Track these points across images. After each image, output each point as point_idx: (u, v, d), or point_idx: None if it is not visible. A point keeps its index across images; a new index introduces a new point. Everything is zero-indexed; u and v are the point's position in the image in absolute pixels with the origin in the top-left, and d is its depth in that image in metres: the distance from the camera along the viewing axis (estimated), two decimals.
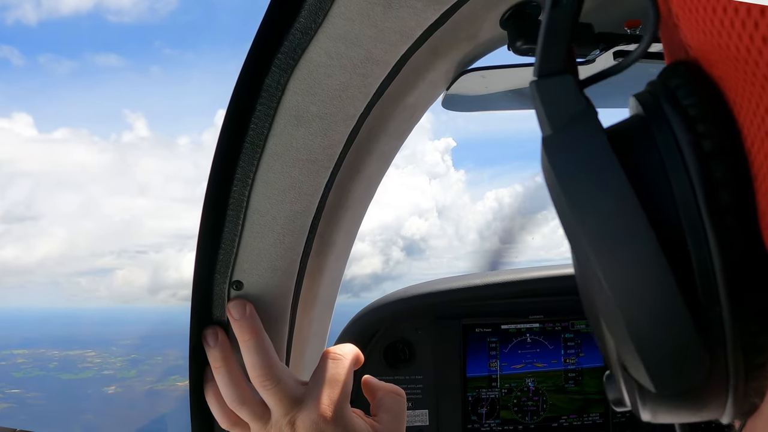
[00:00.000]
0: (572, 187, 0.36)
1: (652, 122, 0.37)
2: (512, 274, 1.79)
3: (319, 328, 1.14)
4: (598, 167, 0.36)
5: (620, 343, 0.37)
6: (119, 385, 65.73)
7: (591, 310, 0.44)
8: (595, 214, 0.35)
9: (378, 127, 0.90)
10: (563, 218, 0.37)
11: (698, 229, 0.35)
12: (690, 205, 0.35)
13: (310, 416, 0.86)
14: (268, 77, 0.77)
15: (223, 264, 0.88)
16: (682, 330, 0.35)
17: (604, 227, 0.35)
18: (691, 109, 0.36)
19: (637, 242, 0.35)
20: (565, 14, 0.40)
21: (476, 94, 1.05)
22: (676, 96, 0.37)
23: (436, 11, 0.72)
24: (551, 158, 0.37)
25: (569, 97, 0.39)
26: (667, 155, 0.36)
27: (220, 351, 0.89)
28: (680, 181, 0.35)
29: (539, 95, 0.40)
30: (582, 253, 0.36)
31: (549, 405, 1.78)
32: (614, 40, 0.83)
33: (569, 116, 0.38)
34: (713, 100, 0.36)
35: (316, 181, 0.84)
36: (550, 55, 0.40)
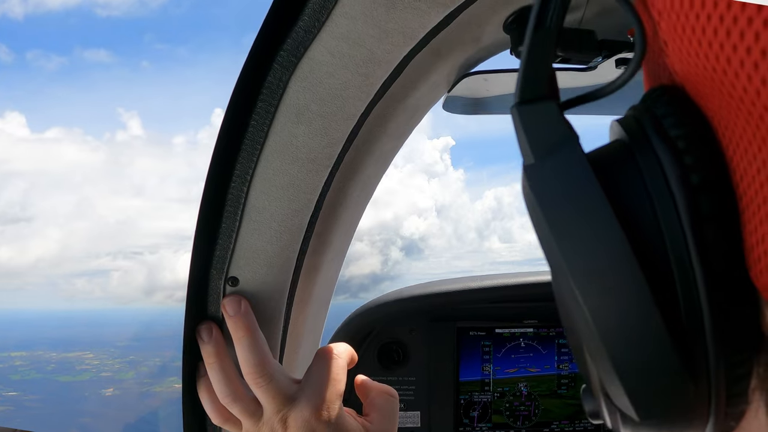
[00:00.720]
0: (556, 218, 0.36)
1: (638, 152, 0.37)
2: (508, 278, 1.80)
3: (313, 326, 1.14)
4: (582, 199, 0.36)
5: (604, 375, 0.37)
6: (117, 387, 65.67)
7: (573, 337, 0.43)
8: (580, 247, 0.35)
9: (378, 127, 0.90)
10: (546, 249, 0.37)
11: (685, 264, 0.34)
12: (677, 239, 0.35)
13: (302, 414, 0.86)
14: (270, 74, 0.77)
15: (220, 260, 0.88)
16: (668, 363, 0.35)
17: (589, 260, 0.35)
18: (679, 141, 0.35)
19: (623, 276, 0.34)
20: (548, 38, 0.40)
21: (478, 97, 1.05)
22: (663, 125, 0.36)
23: (440, 13, 0.72)
24: (534, 188, 0.37)
25: (551, 124, 0.39)
26: (653, 187, 0.36)
27: (214, 347, 0.89)
28: (667, 214, 0.35)
29: (521, 121, 0.39)
30: (564, 284, 0.36)
31: (541, 410, 1.78)
32: (617, 48, 0.83)
33: (552, 144, 0.38)
34: (701, 132, 0.35)
35: (315, 179, 0.85)
36: (532, 80, 0.40)
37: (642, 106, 0.39)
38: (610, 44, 0.83)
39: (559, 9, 0.40)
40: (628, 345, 0.35)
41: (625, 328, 0.35)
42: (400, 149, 1.03)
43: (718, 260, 0.34)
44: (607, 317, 0.35)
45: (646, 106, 0.38)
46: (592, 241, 0.35)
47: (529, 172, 0.38)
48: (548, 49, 0.40)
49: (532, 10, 0.40)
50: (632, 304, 0.34)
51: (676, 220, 0.35)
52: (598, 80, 0.93)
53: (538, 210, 0.36)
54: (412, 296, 1.74)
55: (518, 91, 0.40)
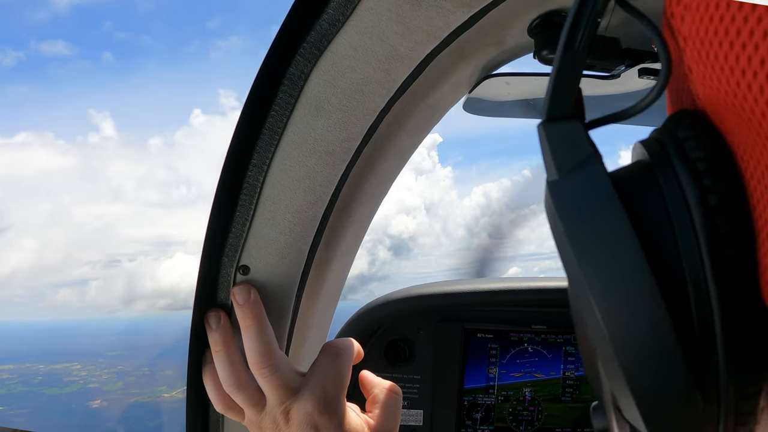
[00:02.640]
0: (577, 233, 0.37)
1: (659, 172, 0.38)
2: (518, 282, 1.79)
3: (321, 319, 1.14)
4: (603, 216, 0.37)
5: (616, 388, 0.38)
6: (104, 399, 65.73)
7: (586, 349, 0.45)
8: (599, 262, 0.36)
9: (397, 124, 0.90)
10: (566, 262, 0.38)
11: (700, 283, 0.35)
12: (693, 259, 0.35)
13: (305, 407, 0.86)
14: (292, 65, 0.77)
15: (232, 248, 0.88)
16: (680, 379, 0.35)
17: (607, 276, 0.36)
18: (699, 163, 0.36)
19: (639, 293, 0.35)
20: (577, 59, 0.42)
21: (498, 100, 1.05)
22: (684, 148, 0.37)
23: (465, 13, 0.71)
24: (557, 203, 0.38)
25: (576, 142, 0.40)
26: (673, 207, 0.37)
27: (222, 335, 0.89)
28: (685, 233, 0.36)
29: (547, 138, 0.41)
30: (582, 297, 0.37)
31: (545, 416, 1.78)
32: (641, 57, 0.83)
33: (576, 162, 0.39)
34: (720, 155, 0.36)
35: (331, 172, 0.85)
36: (559, 98, 0.41)
37: (665, 128, 0.40)
38: (634, 53, 0.82)
39: (590, 30, 0.41)
40: (642, 359, 0.35)
41: (639, 343, 0.35)
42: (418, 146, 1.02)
43: (733, 280, 0.35)
44: (622, 332, 0.35)
45: (669, 129, 0.40)
46: (611, 258, 0.36)
47: (552, 188, 0.39)
48: (576, 70, 0.42)
49: (563, 30, 0.42)
50: (647, 321, 0.35)
51: (693, 239, 0.35)
52: (621, 89, 0.93)
53: (560, 225, 0.38)
54: (422, 295, 1.74)
55: (545, 108, 0.42)
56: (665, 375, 0.35)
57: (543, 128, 0.41)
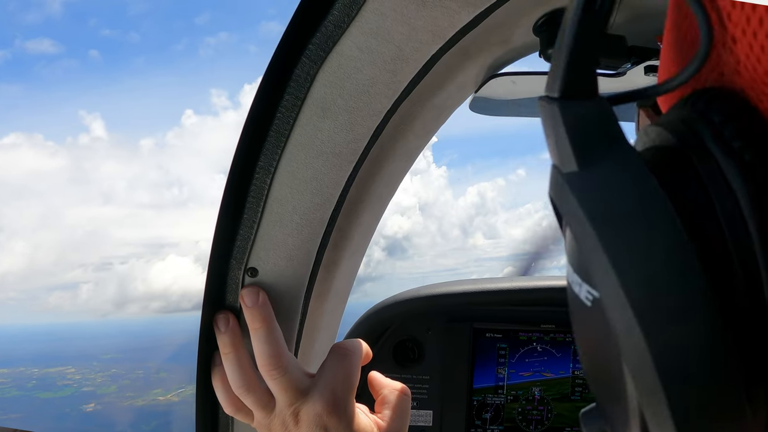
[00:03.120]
0: (616, 242, 0.31)
1: (699, 164, 0.33)
2: (527, 282, 1.79)
3: (330, 321, 1.14)
4: (649, 220, 0.31)
5: (651, 410, 0.32)
6: (98, 402, 65.65)
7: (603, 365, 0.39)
8: (646, 274, 0.30)
9: (404, 125, 0.90)
10: (595, 268, 0.32)
11: (758, 295, 0.31)
12: (752, 272, 0.31)
13: (314, 408, 0.86)
14: (298, 67, 0.77)
15: (240, 250, 0.88)
16: (735, 408, 0.31)
17: (656, 290, 0.30)
18: (745, 153, 0.32)
19: (695, 310, 0.30)
20: (598, 23, 0.35)
21: (504, 99, 1.05)
22: (723, 134, 0.33)
23: (470, 13, 0.71)
24: (583, 201, 0.32)
25: (604, 125, 0.34)
26: (721, 207, 0.32)
27: (230, 337, 0.89)
28: (739, 239, 0.32)
29: (563, 120, 0.34)
30: (615, 309, 0.31)
31: (554, 415, 1.77)
32: (646, 55, 0.83)
33: (603, 150, 0.33)
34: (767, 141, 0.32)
35: (338, 174, 0.85)
36: (578, 71, 0.35)
37: (691, 109, 0.35)
38: (639, 50, 0.82)
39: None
40: (689, 378, 0.30)
41: (687, 360, 0.30)
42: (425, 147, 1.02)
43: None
44: (667, 346, 0.30)
45: (698, 111, 0.35)
46: (658, 267, 0.30)
47: (573, 182, 0.33)
48: (597, 37, 0.35)
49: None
50: (699, 337, 0.30)
51: (748, 243, 0.31)
52: (627, 87, 0.93)
53: (589, 226, 0.32)
54: (430, 295, 1.74)
55: (561, 82, 0.35)
56: (715, 398, 0.30)
57: (558, 107, 0.35)
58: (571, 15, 0.35)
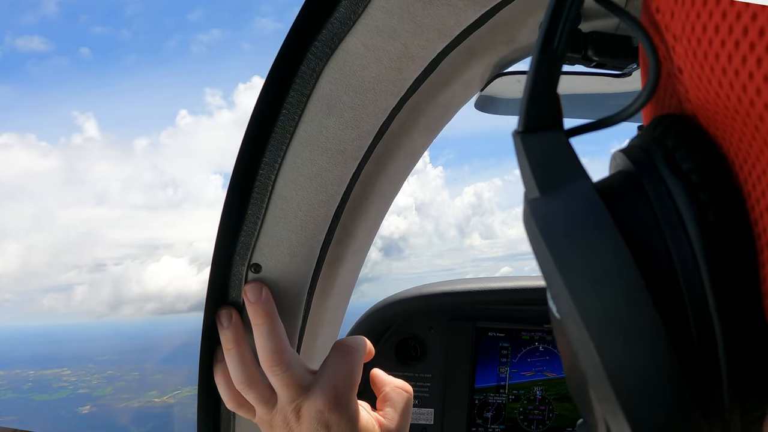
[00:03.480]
0: (566, 261, 0.33)
1: (650, 188, 0.35)
2: (529, 281, 1.79)
3: (333, 317, 1.14)
4: (595, 240, 0.33)
5: (612, 419, 0.34)
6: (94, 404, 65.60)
7: (575, 377, 0.42)
8: (593, 290, 0.32)
9: (409, 123, 0.90)
10: (553, 288, 0.35)
11: (701, 305, 0.33)
12: (692, 280, 0.33)
13: (315, 405, 0.86)
14: (304, 64, 0.77)
15: (244, 246, 0.88)
16: (685, 411, 0.32)
17: (602, 304, 0.32)
18: (693, 174, 0.34)
19: (639, 321, 0.32)
20: (556, 61, 0.38)
21: (510, 98, 1.05)
22: (674, 158, 0.35)
23: (476, 12, 0.71)
24: (540, 225, 0.35)
25: (559, 156, 0.37)
26: (668, 226, 0.34)
27: (233, 332, 0.90)
28: (682, 254, 0.33)
29: (525, 152, 0.37)
30: (572, 325, 0.34)
31: (555, 415, 1.77)
32: None
33: (559, 178, 0.36)
34: (716, 165, 0.34)
35: (343, 171, 0.85)
36: (537, 106, 0.38)
37: (649, 135, 0.37)
38: None
39: (568, 29, 0.38)
40: (643, 392, 0.32)
41: (638, 372, 0.32)
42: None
43: (736, 302, 0.33)
44: (619, 360, 0.32)
45: (654, 137, 0.37)
46: (605, 286, 0.32)
47: (534, 208, 0.36)
48: (555, 74, 0.38)
49: (539, 29, 0.38)
50: (648, 351, 0.32)
51: (691, 260, 0.33)
52: (633, 87, 0.93)
53: (545, 249, 0.34)
54: (433, 293, 1.74)
55: (522, 117, 0.38)
56: (668, 407, 0.32)
57: (520, 140, 0.38)
58: (533, 55, 0.38)
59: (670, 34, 0.36)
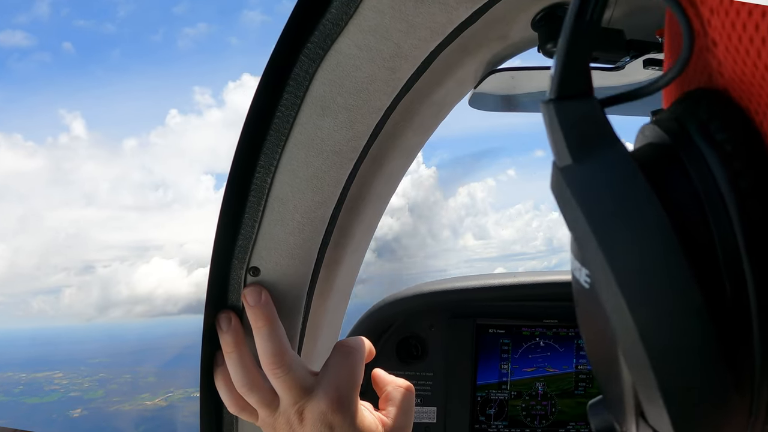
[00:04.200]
0: (603, 226, 0.34)
1: (685, 156, 0.36)
2: (529, 277, 1.79)
3: (333, 319, 1.14)
4: (632, 205, 0.34)
5: (643, 391, 0.35)
6: (85, 408, 65.26)
7: (601, 348, 0.42)
8: (629, 254, 0.33)
9: (404, 122, 0.90)
10: (587, 254, 0.35)
11: (737, 270, 0.34)
12: (729, 246, 0.34)
13: (318, 406, 0.86)
14: (297, 66, 0.77)
15: (242, 249, 0.88)
16: (716, 376, 0.33)
17: (639, 269, 0.33)
18: (726, 144, 0.35)
19: (676, 286, 0.33)
20: (590, 29, 0.38)
21: (504, 95, 1.05)
22: (709, 129, 0.35)
23: (468, 9, 0.71)
24: (575, 190, 0.35)
25: (594, 123, 0.37)
26: (704, 193, 0.35)
27: (233, 336, 0.90)
28: (718, 220, 0.34)
29: (558, 119, 0.37)
30: (606, 292, 0.34)
31: (557, 410, 1.78)
32: (645, 48, 0.83)
33: (594, 144, 0.36)
34: (748, 135, 0.35)
35: (339, 172, 0.85)
36: (572, 74, 0.38)
37: (682, 108, 0.38)
38: (638, 44, 0.82)
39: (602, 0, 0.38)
40: (675, 354, 0.33)
41: (673, 337, 0.33)
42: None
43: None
44: (655, 327, 0.33)
45: (688, 109, 0.38)
46: (643, 250, 0.33)
47: (568, 175, 0.36)
48: (590, 42, 0.38)
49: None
50: (683, 314, 0.32)
51: (728, 226, 0.34)
52: (626, 80, 0.93)
53: (580, 215, 0.34)
54: (433, 292, 1.74)
55: (555, 85, 0.38)
56: (700, 373, 0.33)
57: (553, 107, 0.38)
58: (566, 23, 0.38)
59: (707, 7, 0.36)
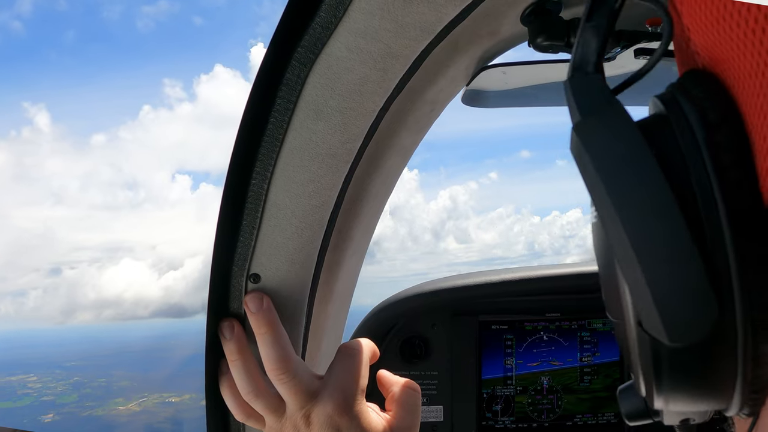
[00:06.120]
0: (605, 164, 0.41)
1: (672, 117, 0.43)
2: (530, 272, 1.79)
3: (335, 322, 1.14)
4: (628, 146, 0.41)
5: (637, 295, 0.41)
6: (57, 413, 64.79)
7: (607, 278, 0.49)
8: (627, 186, 0.40)
9: (398, 122, 0.90)
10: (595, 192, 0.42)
11: (707, 191, 0.40)
12: (701, 173, 0.40)
13: (325, 410, 0.86)
14: (288, 71, 0.77)
15: (241, 257, 0.88)
16: (693, 272, 0.39)
17: (635, 197, 0.40)
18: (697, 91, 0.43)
19: (660, 207, 0.40)
20: (608, 17, 0.48)
21: (496, 90, 1.05)
22: (690, 94, 0.43)
23: (457, 7, 0.71)
24: (583, 139, 0.43)
25: (600, 90, 0.46)
26: (680, 133, 0.42)
27: (236, 343, 0.90)
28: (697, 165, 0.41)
29: (572, 88, 0.46)
30: (610, 217, 0.41)
31: (563, 403, 1.78)
32: (636, 38, 0.83)
33: (597, 105, 0.45)
34: (712, 88, 0.42)
35: (335, 175, 0.85)
36: (584, 59, 0.48)
37: (673, 85, 0.46)
38: (628, 34, 0.82)
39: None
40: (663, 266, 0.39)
41: (658, 246, 0.39)
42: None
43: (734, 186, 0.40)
44: (644, 239, 0.40)
45: (676, 84, 0.45)
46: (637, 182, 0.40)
47: (578, 127, 0.44)
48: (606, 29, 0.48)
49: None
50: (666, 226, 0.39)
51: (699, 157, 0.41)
52: (617, 71, 0.93)
53: (588, 158, 0.42)
54: (434, 290, 1.75)
55: (571, 67, 0.48)
56: (680, 271, 0.39)
57: (569, 82, 0.47)
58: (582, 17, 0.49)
59: (678, 1, 0.45)
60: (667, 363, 0.42)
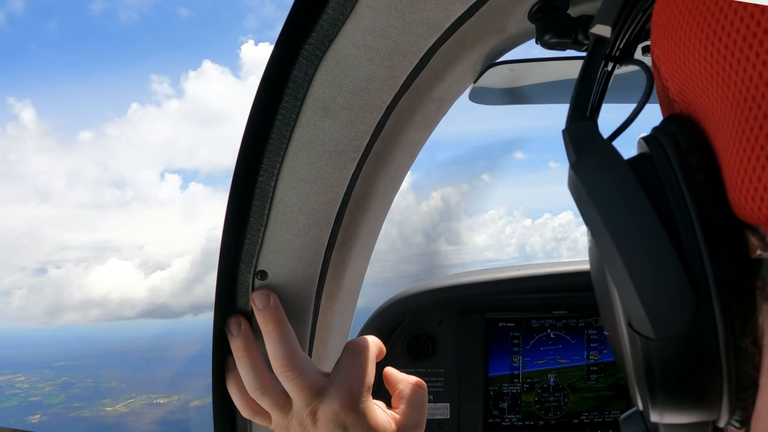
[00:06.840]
0: (599, 196, 0.47)
1: (652, 146, 0.48)
2: (537, 269, 1.79)
3: (342, 319, 1.14)
4: (617, 179, 0.47)
5: (626, 298, 0.46)
6: (45, 413, 64.57)
7: (600, 288, 0.54)
8: (616, 212, 0.46)
9: (405, 119, 0.90)
10: (590, 220, 0.48)
11: (681, 201, 0.45)
12: (675, 188, 0.45)
13: (331, 407, 0.86)
14: (296, 68, 0.77)
15: (248, 254, 0.88)
16: (673, 272, 0.43)
17: (624, 216, 0.45)
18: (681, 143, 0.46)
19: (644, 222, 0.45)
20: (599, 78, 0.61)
21: (504, 87, 1.05)
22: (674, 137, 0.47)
23: (464, 4, 0.71)
24: (579, 174, 0.48)
25: (592, 134, 0.55)
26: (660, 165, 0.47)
27: (243, 340, 0.90)
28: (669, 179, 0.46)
29: (569, 135, 0.55)
30: (602, 234, 0.46)
31: (570, 401, 1.78)
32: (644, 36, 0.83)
33: (590, 146, 0.53)
34: (682, 124, 0.47)
35: (342, 172, 0.85)
36: (578, 109, 0.59)
37: (656, 129, 0.51)
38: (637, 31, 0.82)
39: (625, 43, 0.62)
40: (648, 270, 0.44)
41: (645, 259, 0.44)
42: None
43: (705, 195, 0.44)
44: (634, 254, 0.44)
45: (658, 127, 0.50)
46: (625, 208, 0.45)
47: (575, 165, 0.49)
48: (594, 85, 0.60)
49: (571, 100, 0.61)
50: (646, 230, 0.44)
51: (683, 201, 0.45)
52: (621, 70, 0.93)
53: (583, 190, 0.47)
54: (441, 287, 1.74)
55: (568, 115, 0.58)
56: (661, 270, 0.44)
57: (566, 130, 0.55)
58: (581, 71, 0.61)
59: (656, 56, 0.51)
60: (657, 359, 0.46)
